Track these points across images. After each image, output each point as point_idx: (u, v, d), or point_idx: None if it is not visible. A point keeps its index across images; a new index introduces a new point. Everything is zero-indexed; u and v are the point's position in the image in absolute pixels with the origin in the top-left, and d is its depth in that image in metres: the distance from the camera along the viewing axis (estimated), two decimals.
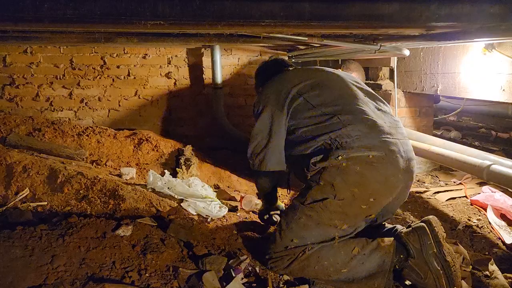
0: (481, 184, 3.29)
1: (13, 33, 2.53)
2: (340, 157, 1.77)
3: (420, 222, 1.90)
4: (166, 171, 2.68)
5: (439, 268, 1.79)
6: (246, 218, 2.61)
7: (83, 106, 4.01)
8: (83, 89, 3.99)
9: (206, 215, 2.44)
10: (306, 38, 2.27)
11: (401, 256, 1.86)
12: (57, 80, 3.94)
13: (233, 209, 2.66)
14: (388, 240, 1.89)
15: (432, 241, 1.82)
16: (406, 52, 2.68)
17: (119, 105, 4.09)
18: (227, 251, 2.07)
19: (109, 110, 4.07)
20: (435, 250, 1.81)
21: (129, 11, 1.51)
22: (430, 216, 1.91)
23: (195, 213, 2.45)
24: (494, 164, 2.26)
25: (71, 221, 1.97)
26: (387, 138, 1.83)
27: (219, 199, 2.66)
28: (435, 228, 1.83)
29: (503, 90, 2.67)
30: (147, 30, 2.12)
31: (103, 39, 2.84)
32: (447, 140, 3.16)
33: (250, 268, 1.92)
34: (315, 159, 1.82)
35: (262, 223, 2.47)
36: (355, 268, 1.83)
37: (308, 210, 1.84)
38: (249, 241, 2.23)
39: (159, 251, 1.88)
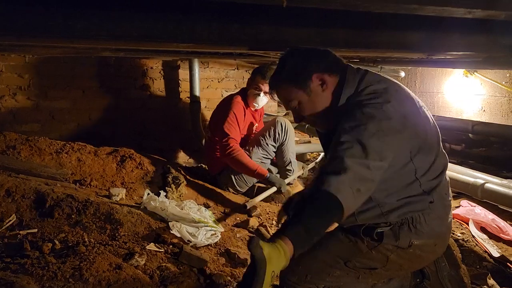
0: (455, 197, 3.47)
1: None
2: (411, 245, 1.57)
3: None
4: (161, 191, 2.56)
5: None
6: (244, 238, 2.56)
7: (50, 119, 3.75)
8: (51, 101, 3.73)
9: (193, 243, 2.23)
10: None
11: (417, 279, 1.91)
12: (21, 91, 3.64)
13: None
14: None
15: (447, 263, 1.89)
16: (402, 74, 2.78)
17: (89, 119, 3.87)
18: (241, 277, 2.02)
19: (78, 124, 3.84)
20: (450, 272, 1.88)
21: (167, 33, 1.44)
22: None
23: (179, 236, 2.25)
24: (487, 183, 2.39)
25: (79, 251, 1.82)
26: (450, 217, 1.69)
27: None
28: (454, 251, 1.90)
29: (484, 110, 2.85)
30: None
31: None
32: None
33: None
34: (382, 230, 1.58)
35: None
36: None
37: (349, 269, 1.70)
38: None
39: (178, 281, 1.80)
